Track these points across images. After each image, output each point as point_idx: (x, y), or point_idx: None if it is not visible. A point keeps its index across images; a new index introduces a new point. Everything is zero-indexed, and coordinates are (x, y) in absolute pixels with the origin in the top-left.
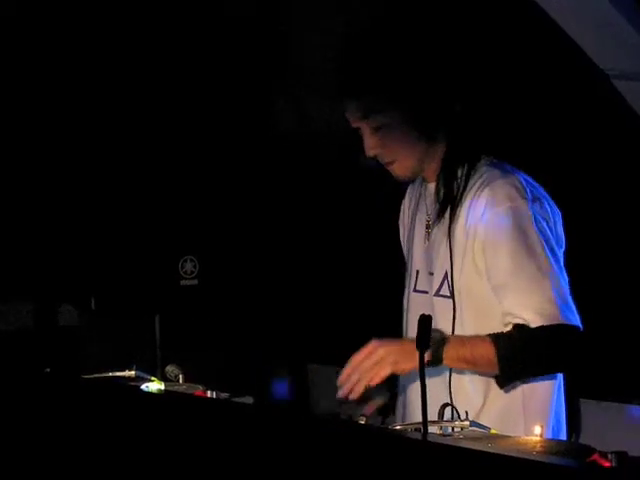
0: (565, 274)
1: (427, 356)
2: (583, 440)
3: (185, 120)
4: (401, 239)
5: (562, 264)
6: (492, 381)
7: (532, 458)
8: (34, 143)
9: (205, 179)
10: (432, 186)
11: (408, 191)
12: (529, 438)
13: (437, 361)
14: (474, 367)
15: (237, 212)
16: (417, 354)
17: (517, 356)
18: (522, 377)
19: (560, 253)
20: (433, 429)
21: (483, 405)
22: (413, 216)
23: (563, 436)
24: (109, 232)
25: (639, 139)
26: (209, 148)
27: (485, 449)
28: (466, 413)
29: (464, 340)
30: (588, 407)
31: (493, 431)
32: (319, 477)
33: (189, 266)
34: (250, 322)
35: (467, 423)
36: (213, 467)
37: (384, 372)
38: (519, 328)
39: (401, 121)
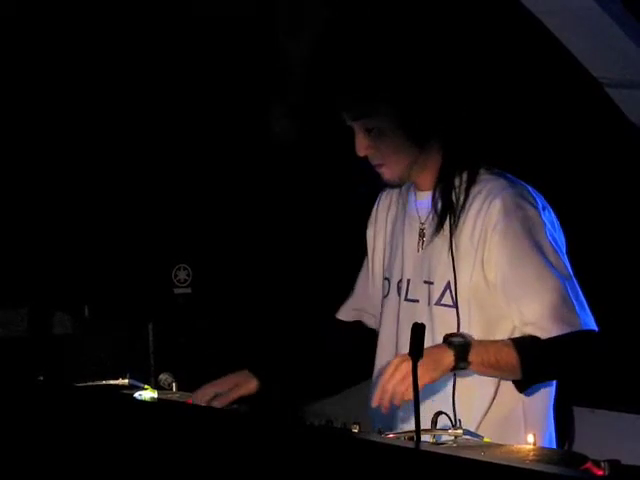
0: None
1: (452, 359)
2: (576, 448)
3: (179, 128)
4: (368, 242)
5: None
6: (494, 391)
7: (525, 466)
8: (29, 152)
9: (199, 187)
10: (425, 194)
11: (382, 197)
12: (522, 446)
13: (463, 365)
14: (497, 372)
15: (231, 220)
16: (440, 363)
17: (539, 363)
18: (542, 381)
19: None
20: (426, 437)
21: (485, 415)
22: (396, 223)
23: (554, 444)
24: (103, 240)
25: (633, 147)
26: (203, 156)
27: (478, 458)
28: (459, 421)
29: (487, 345)
30: (582, 415)
31: (486, 439)
32: None
33: (183, 274)
34: (243, 330)
35: (460, 431)
36: (206, 475)
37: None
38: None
39: (391, 127)
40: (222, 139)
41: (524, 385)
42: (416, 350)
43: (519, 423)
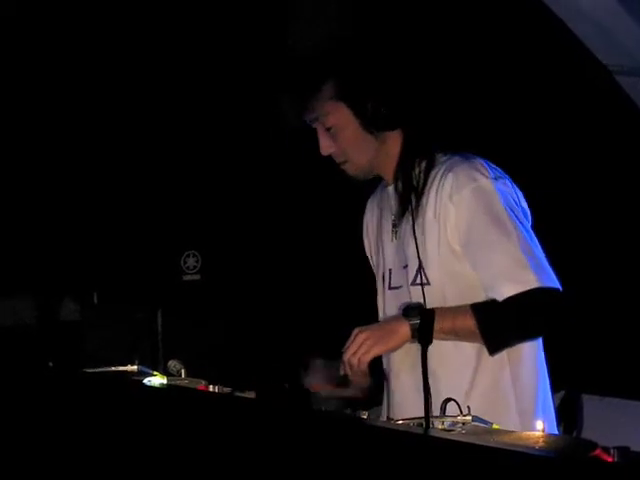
0: (537, 241)
1: (408, 330)
2: (586, 435)
3: (188, 116)
4: (367, 252)
5: (532, 234)
6: (475, 358)
7: (535, 453)
8: (34, 139)
9: (208, 174)
10: (392, 188)
11: (368, 206)
12: (531, 433)
13: (417, 334)
14: (457, 338)
15: (240, 207)
16: (395, 334)
17: (499, 325)
18: (509, 344)
19: (528, 225)
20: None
21: (472, 383)
22: (379, 224)
23: (554, 427)
24: (111, 227)
25: None
26: (212, 143)
27: (487, 444)
28: (468, 408)
29: (445, 312)
30: (591, 403)
31: (495, 426)
32: (321, 471)
33: (192, 261)
34: (253, 317)
35: (469, 418)
36: (215, 461)
37: (366, 357)
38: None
39: (346, 122)
40: (230, 128)
41: (492, 348)
42: (425, 335)
43: (508, 392)
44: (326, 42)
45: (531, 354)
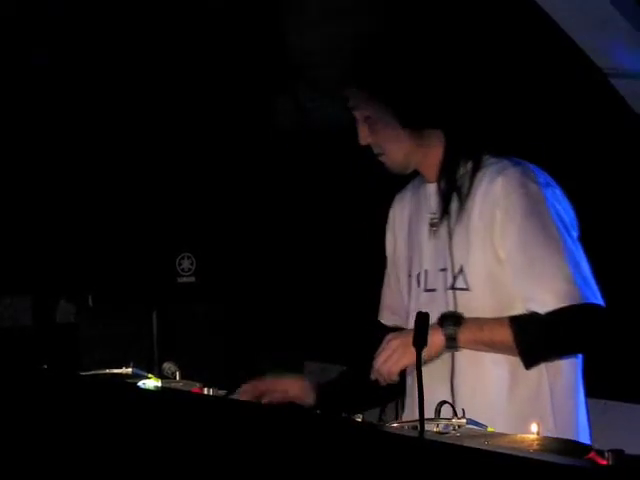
0: (583, 254)
1: (441, 339)
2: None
3: (183, 118)
4: (388, 245)
5: (579, 246)
6: (508, 370)
7: (528, 456)
8: (33, 141)
9: (203, 176)
10: (433, 186)
11: (397, 200)
12: (526, 436)
13: (452, 343)
14: (493, 350)
15: (235, 209)
16: (429, 342)
17: (536, 340)
18: (546, 359)
19: (576, 237)
20: (430, 427)
21: (510, 392)
22: (412, 220)
23: (587, 434)
24: (107, 229)
25: (637, 137)
26: (207, 146)
27: (481, 447)
28: (463, 411)
29: (482, 323)
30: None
31: (490, 429)
32: (316, 474)
33: (186, 263)
34: (247, 319)
35: (464, 421)
36: (210, 464)
37: (397, 366)
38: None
39: (384, 115)
40: (225, 130)
41: (527, 363)
42: (420, 339)
43: (546, 404)
44: (355, 37)
45: (570, 367)
